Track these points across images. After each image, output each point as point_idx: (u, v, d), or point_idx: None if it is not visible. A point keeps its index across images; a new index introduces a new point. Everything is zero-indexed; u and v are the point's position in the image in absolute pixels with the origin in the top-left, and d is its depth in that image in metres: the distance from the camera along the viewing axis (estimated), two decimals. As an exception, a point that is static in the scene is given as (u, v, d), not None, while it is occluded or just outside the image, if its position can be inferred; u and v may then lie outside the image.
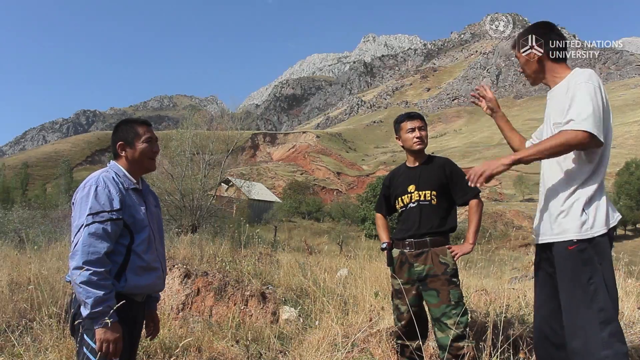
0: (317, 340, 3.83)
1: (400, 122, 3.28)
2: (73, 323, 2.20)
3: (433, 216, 3.09)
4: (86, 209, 2.14)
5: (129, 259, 2.24)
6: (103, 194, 2.18)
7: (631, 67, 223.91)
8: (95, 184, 2.20)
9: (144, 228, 2.32)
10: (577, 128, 2.09)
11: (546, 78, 2.45)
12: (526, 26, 2.56)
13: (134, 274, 2.25)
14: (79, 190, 2.23)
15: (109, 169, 2.35)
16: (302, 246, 11.79)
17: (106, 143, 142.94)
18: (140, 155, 2.38)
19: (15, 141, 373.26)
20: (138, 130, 2.39)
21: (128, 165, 2.38)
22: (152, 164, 2.46)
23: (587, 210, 2.17)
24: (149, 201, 2.46)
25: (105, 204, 2.17)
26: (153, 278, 2.35)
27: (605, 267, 2.17)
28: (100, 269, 2.08)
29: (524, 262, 17.53)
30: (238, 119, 24.23)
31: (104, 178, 2.24)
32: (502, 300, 4.12)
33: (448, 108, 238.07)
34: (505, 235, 45.43)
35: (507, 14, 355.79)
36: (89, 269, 2.05)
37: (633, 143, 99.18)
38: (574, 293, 2.19)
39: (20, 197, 57.38)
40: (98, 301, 2.05)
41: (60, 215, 16.47)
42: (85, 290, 2.04)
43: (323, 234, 43.34)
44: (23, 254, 6.87)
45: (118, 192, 2.24)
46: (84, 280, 2.04)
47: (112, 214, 2.17)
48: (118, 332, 2.11)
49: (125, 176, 2.35)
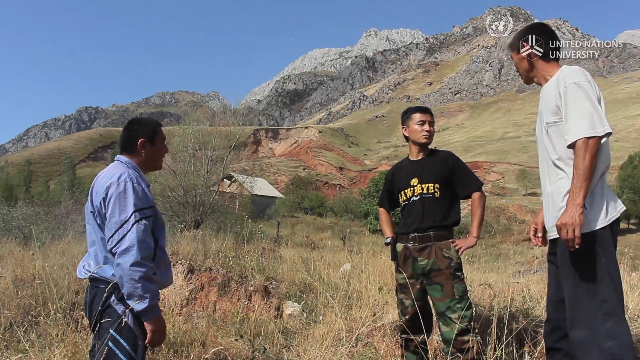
0: (321, 335, 3.84)
1: (411, 113, 3.29)
2: (99, 321, 2.19)
3: (436, 210, 3.09)
4: (128, 204, 2.16)
5: (156, 255, 2.27)
6: (140, 190, 2.22)
7: (634, 60, 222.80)
8: (131, 180, 2.21)
9: (163, 224, 2.38)
10: (586, 135, 2.13)
11: (537, 76, 2.53)
12: (526, 22, 2.58)
13: (159, 270, 2.28)
14: (112, 185, 2.19)
15: (128, 166, 2.32)
16: (305, 241, 11.81)
17: (109, 139, 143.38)
18: (158, 154, 2.45)
19: (18, 138, 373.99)
20: (157, 129, 2.46)
21: (143, 162, 2.40)
22: (161, 164, 2.55)
23: (586, 205, 2.17)
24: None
25: (144, 200, 2.21)
26: (169, 273, 2.42)
27: (609, 260, 2.18)
28: (152, 264, 2.16)
29: (527, 256, 17.53)
30: (240, 115, 24.20)
31: (134, 175, 2.26)
32: (506, 294, 4.12)
33: (450, 102, 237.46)
34: (508, 230, 45.44)
35: (508, 7, 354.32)
36: (146, 264, 2.10)
37: (636, 136, 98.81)
38: (577, 286, 2.21)
39: (24, 194, 57.48)
40: (154, 295, 2.12)
41: (63, 212, 16.50)
42: (144, 285, 2.08)
43: (326, 229, 43.36)
44: (27, 251, 6.89)
45: (147, 188, 2.29)
46: (142, 275, 2.08)
47: (150, 211, 2.23)
48: (164, 321, 2.22)
49: (141, 173, 2.39)
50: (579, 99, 2.20)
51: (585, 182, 2.12)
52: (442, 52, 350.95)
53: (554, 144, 2.34)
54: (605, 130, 2.14)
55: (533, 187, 75.10)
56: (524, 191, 78.09)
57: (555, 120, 2.31)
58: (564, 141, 2.25)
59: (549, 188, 2.40)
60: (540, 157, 2.50)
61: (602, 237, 2.19)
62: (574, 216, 2.11)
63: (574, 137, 2.16)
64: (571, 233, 2.11)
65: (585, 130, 2.13)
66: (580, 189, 2.12)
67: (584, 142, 2.13)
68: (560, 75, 2.34)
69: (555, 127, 2.32)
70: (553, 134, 2.34)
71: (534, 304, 4.14)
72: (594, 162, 2.13)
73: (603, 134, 2.14)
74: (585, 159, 2.11)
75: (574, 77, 2.26)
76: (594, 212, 2.21)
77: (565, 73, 2.32)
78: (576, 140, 2.15)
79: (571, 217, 2.11)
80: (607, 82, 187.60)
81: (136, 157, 2.39)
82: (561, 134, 2.27)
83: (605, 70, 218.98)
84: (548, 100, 2.36)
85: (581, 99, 2.19)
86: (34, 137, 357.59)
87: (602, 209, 2.22)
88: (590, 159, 2.11)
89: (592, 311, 2.15)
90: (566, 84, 2.25)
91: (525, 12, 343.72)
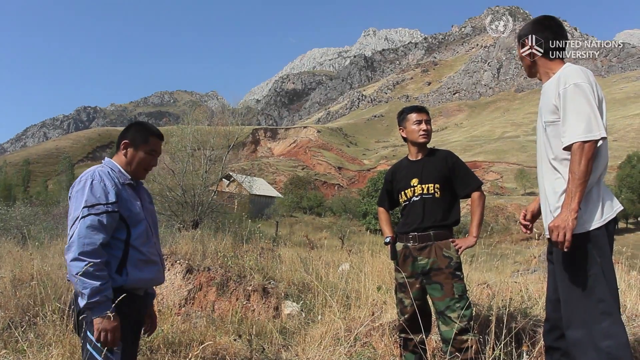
0: (320, 335, 3.84)
1: (407, 114, 3.28)
2: (77, 320, 2.20)
3: (436, 209, 3.09)
4: (82, 201, 2.16)
5: (128, 252, 2.25)
6: (99, 187, 2.20)
7: (633, 59, 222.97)
8: (91, 178, 2.22)
9: (140, 221, 2.33)
10: (582, 139, 2.12)
11: (539, 72, 2.50)
12: (525, 22, 2.57)
13: (135, 267, 2.26)
14: (75, 184, 2.25)
15: (104, 164, 2.38)
16: (304, 241, 11.80)
17: (107, 139, 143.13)
18: (138, 161, 2.40)
19: (17, 138, 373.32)
20: (148, 138, 2.42)
21: (124, 163, 2.40)
22: (143, 174, 2.48)
23: (581, 205, 2.17)
24: (143, 198, 2.47)
25: (100, 197, 2.18)
26: (154, 271, 2.38)
27: (604, 260, 2.18)
28: (96, 259, 2.09)
29: (525, 255, 17.54)
30: (239, 114, 24.14)
31: (100, 172, 2.26)
32: (505, 293, 4.12)
33: (449, 102, 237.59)
34: (506, 229, 45.51)
35: (507, 7, 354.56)
36: (84, 259, 2.06)
37: (635, 136, 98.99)
38: (573, 286, 2.21)
39: (22, 194, 57.45)
40: (95, 291, 2.06)
41: (62, 212, 16.49)
42: (82, 281, 2.05)
43: (324, 229, 43.35)
44: (25, 251, 6.88)
45: (114, 185, 2.26)
46: (79, 271, 2.05)
47: (108, 207, 2.19)
48: (116, 321, 2.11)
49: (120, 172, 2.36)
50: (577, 101, 2.18)
51: (581, 186, 2.11)
52: (441, 51, 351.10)
53: (551, 143, 2.33)
54: (601, 135, 2.13)
55: (532, 186, 75.15)
56: (522, 190, 78.14)
57: (554, 120, 2.30)
58: (560, 142, 2.24)
59: (546, 187, 2.39)
60: (538, 154, 2.49)
61: (598, 237, 2.19)
62: (567, 219, 2.11)
63: (569, 140, 2.16)
64: (562, 236, 2.12)
65: (581, 134, 2.12)
66: (576, 194, 2.12)
67: (580, 146, 2.12)
68: (562, 74, 2.32)
69: (553, 127, 2.31)
70: (551, 133, 2.33)
71: (532, 303, 4.14)
72: (590, 166, 2.12)
73: (599, 137, 2.12)
74: (581, 163, 2.10)
75: (574, 78, 2.24)
76: (589, 212, 2.21)
77: (567, 72, 2.30)
78: (572, 144, 2.15)
79: (564, 220, 2.12)
80: (606, 82, 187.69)
81: (118, 157, 2.41)
82: (558, 134, 2.26)
83: (604, 69, 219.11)
84: (548, 99, 2.34)
85: (580, 101, 2.17)
86: (33, 137, 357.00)
87: (597, 209, 2.21)
88: (586, 163, 2.10)
89: (588, 311, 2.15)
90: (566, 85, 2.23)
91: (524, 12, 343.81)
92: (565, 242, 2.12)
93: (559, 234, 2.13)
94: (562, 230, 2.12)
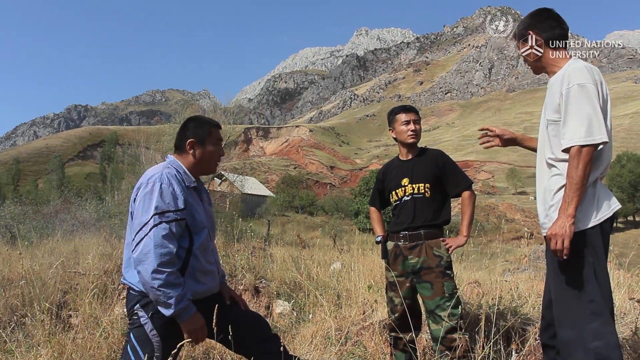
0: (311, 334, 3.84)
1: (396, 114, 3.27)
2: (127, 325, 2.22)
3: (427, 209, 3.10)
4: (151, 207, 2.08)
5: (189, 262, 2.20)
6: (168, 192, 2.12)
7: (622, 60, 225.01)
8: (160, 181, 2.13)
9: (202, 229, 2.27)
10: (581, 143, 2.09)
11: (545, 67, 2.43)
12: (518, 21, 2.54)
13: (193, 279, 2.21)
14: (142, 186, 2.16)
15: (170, 164, 2.27)
16: (296, 240, 11.80)
17: (98, 138, 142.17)
18: (209, 156, 2.35)
19: (6, 136, 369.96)
20: (211, 131, 2.38)
21: (192, 163, 2.32)
22: (215, 167, 2.44)
23: None
24: (204, 199, 2.40)
25: (170, 203, 2.11)
26: (209, 281, 2.31)
27: (596, 260, 2.16)
28: (173, 268, 2.06)
29: (516, 254, 17.65)
30: (231, 113, 24.10)
31: (168, 175, 2.17)
32: (495, 292, 4.14)
33: (441, 102, 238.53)
34: (497, 228, 45.67)
35: (499, 7, 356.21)
36: (164, 270, 2.03)
37: (624, 136, 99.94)
38: (564, 285, 2.19)
39: (12, 193, 56.93)
40: (179, 299, 2.05)
41: (52, 211, 16.33)
42: (165, 292, 2.03)
43: (316, 228, 43.36)
44: (14, 250, 6.81)
45: (182, 190, 2.18)
46: (162, 283, 2.02)
47: (177, 214, 2.13)
48: (202, 320, 2.15)
49: (185, 173, 2.28)
50: (580, 103, 2.13)
51: (578, 191, 2.08)
52: (433, 51, 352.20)
53: (551, 142, 2.29)
54: (602, 139, 2.09)
55: (523, 185, 75.68)
56: (513, 190, 78.69)
57: (556, 119, 2.25)
58: (560, 142, 2.20)
59: (543, 182, 2.36)
60: (538, 149, 2.44)
61: (591, 237, 2.17)
62: (564, 227, 2.08)
63: (568, 143, 2.12)
64: (560, 244, 2.10)
65: (580, 137, 2.08)
66: (573, 199, 2.08)
67: (578, 150, 2.08)
68: (567, 71, 2.24)
69: (555, 126, 2.27)
70: (551, 132, 2.29)
71: (522, 302, 4.16)
72: (588, 171, 2.08)
73: (599, 142, 2.09)
74: (579, 167, 2.07)
75: (578, 78, 2.17)
76: (584, 211, 2.17)
77: (571, 71, 2.22)
78: (571, 147, 2.12)
79: (562, 227, 2.09)
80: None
81: (184, 158, 2.33)
82: (558, 133, 2.23)
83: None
84: (552, 96, 2.29)
85: (582, 103, 2.12)
86: (23, 136, 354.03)
87: (592, 208, 2.18)
88: (584, 167, 2.07)
89: (579, 311, 2.13)
90: (570, 84, 2.17)
91: (516, 12, 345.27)
92: (564, 250, 2.10)
93: (557, 242, 2.10)
94: (560, 238, 2.09)
